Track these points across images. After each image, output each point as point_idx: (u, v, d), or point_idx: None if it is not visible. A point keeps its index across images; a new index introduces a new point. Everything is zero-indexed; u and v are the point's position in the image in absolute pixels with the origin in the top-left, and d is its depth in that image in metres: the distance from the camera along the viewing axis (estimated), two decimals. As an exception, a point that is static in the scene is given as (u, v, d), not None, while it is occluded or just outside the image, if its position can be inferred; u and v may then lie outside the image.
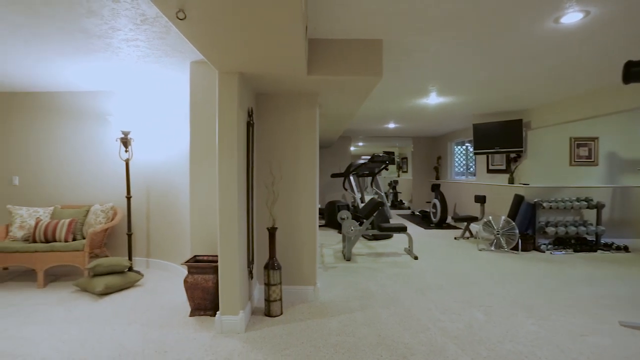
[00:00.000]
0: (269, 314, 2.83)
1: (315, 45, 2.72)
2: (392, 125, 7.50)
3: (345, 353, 2.26)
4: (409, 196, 11.40)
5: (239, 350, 2.30)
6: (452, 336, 2.48)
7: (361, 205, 6.46)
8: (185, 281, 2.81)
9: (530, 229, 5.29)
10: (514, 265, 4.33)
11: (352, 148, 11.69)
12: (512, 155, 5.94)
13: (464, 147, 8.39)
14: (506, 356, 2.21)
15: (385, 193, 10.92)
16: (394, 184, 12.36)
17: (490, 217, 5.30)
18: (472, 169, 7.95)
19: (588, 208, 5.22)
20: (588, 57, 3.16)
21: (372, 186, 8.01)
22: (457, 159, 8.71)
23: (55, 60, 3.14)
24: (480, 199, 6.02)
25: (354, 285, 3.61)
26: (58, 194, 4.30)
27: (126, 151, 3.88)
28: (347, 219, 4.76)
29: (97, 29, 2.47)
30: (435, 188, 7.83)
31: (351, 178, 6.96)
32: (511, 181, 5.86)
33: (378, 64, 2.73)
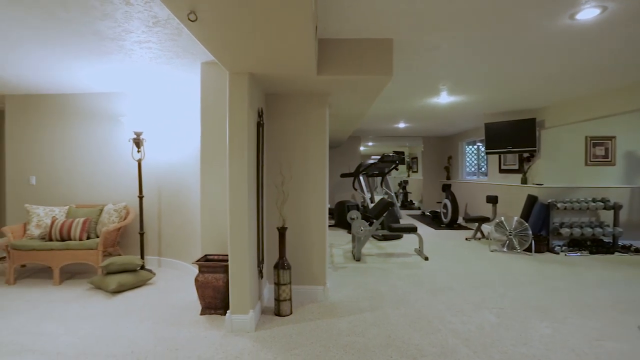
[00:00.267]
0: (278, 313, 2.84)
1: (325, 45, 2.71)
2: (402, 125, 7.45)
3: (355, 354, 2.25)
4: (419, 196, 11.30)
5: (249, 349, 2.31)
6: (463, 338, 2.45)
7: (371, 206, 6.43)
8: (196, 280, 2.84)
9: (543, 230, 5.19)
10: (527, 267, 4.25)
11: (362, 148, 11.64)
12: (525, 155, 5.83)
13: (475, 146, 8.28)
14: None
15: (395, 193, 10.85)
16: (404, 184, 12.26)
17: (502, 218, 5.21)
18: (483, 168, 7.84)
19: (604, 209, 5.08)
20: (605, 54, 3.08)
21: (381, 186, 7.97)
22: (468, 159, 8.60)
23: (70, 63, 3.21)
24: (492, 200, 5.93)
25: (363, 285, 3.60)
26: (73, 193, 4.39)
27: (138, 151, 3.94)
28: (356, 219, 4.74)
29: (110, 31, 2.51)
30: (446, 188, 7.74)
31: (361, 178, 6.94)
32: (524, 181, 5.75)
33: (388, 63, 2.71)
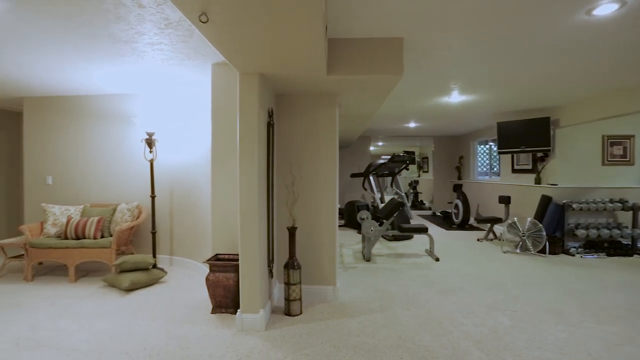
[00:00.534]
0: (288, 313, 2.85)
1: (334, 45, 2.71)
2: (412, 125, 7.39)
3: (365, 354, 2.24)
4: (429, 196, 11.19)
5: (259, 348, 2.32)
6: (475, 340, 2.41)
7: (381, 206, 6.39)
8: (207, 279, 2.87)
9: (558, 231, 5.08)
10: (541, 269, 4.17)
11: (372, 148, 11.59)
12: (539, 154, 5.71)
13: (487, 146, 8.15)
14: (533, 363, 2.13)
15: (406, 193, 10.77)
16: (414, 184, 12.17)
17: (515, 219, 5.12)
18: (495, 168, 7.72)
19: (623, 210, 4.94)
20: (623, 51, 2.99)
21: (392, 186, 7.92)
22: (480, 159, 8.48)
23: (84, 65, 3.28)
24: (505, 200, 5.83)
25: (373, 286, 3.58)
26: (87, 193, 4.49)
27: (150, 152, 4.00)
28: (366, 219, 4.72)
29: (123, 34, 2.56)
30: (457, 188, 7.65)
31: (371, 178, 6.90)
32: (538, 181, 5.64)
33: (399, 62, 2.69)
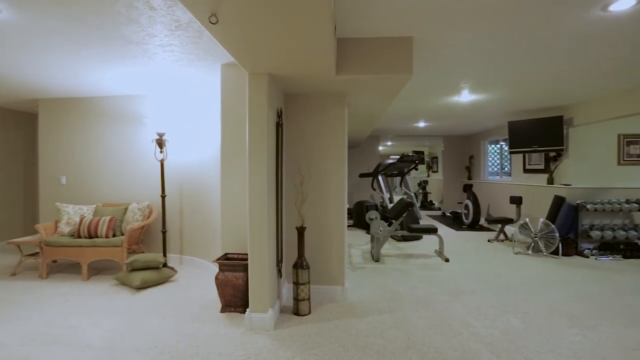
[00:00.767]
0: (297, 312, 2.85)
1: (343, 45, 2.70)
2: (422, 124, 7.33)
3: (374, 355, 2.23)
4: (439, 197, 11.08)
5: (268, 347, 2.33)
6: (486, 342, 2.38)
7: (390, 206, 6.36)
8: (217, 278, 2.89)
9: (572, 232, 4.97)
10: (554, 271, 4.09)
11: (381, 147, 11.53)
12: (552, 154, 5.60)
13: (498, 145, 8.04)
14: (546, 367, 2.09)
15: (415, 193, 10.68)
16: (423, 184, 12.07)
17: (527, 219, 5.04)
18: (507, 168, 7.60)
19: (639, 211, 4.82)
20: (640, 48, 2.91)
21: (401, 186, 7.87)
22: (490, 159, 8.36)
23: (97, 67, 3.34)
24: (516, 200, 5.74)
25: (382, 286, 3.56)
26: (99, 192, 4.57)
27: (161, 152, 4.05)
28: (375, 219, 4.70)
29: (135, 35, 2.59)
30: (468, 188, 7.56)
31: (379, 178, 6.87)
32: (550, 181, 5.53)
33: (408, 61, 2.67)
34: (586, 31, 2.57)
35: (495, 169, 8.19)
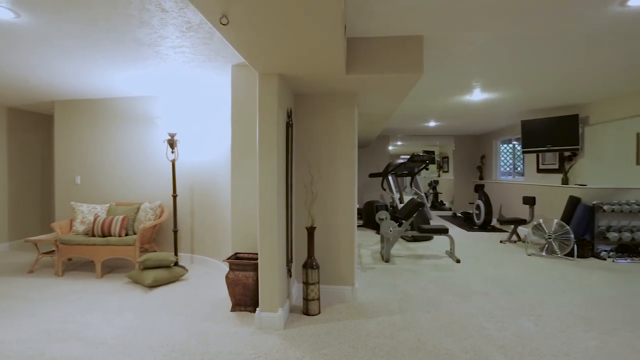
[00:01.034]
0: (307, 312, 2.85)
1: (353, 44, 2.69)
2: (432, 124, 7.25)
3: (384, 356, 2.22)
4: (450, 197, 10.96)
5: (278, 346, 2.33)
6: (498, 345, 2.34)
7: (400, 206, 6.31)
8: (227, 277, 2.91)
9: (587, 234, 4.86)
10: (569, 273, 4.00)
11: (391, 147, 11.45)
12: (567, 153, 5.48)
13: (510, 145, 7.91)
14: (561, 371, 2.05)
15: (425, 193, 10.58)
16: (434, 184, 11.95)
17: (540, 220, 4.94)
18: (519, 168, 7.47)
19: (658, 212, 4.67)
20: (659, 44, 2.83)
21: (411, 186, 7.80)
22: (503, 158, 8.23)
23: (110, 69, 3.40)
24: (530, 201, 5.63)
25: (392, 287, 3.53)
26: (113, 192, 4.65)
27: (172, 152, 4.10)
28: (385, 219, 4.67)
29: (147, 38, 2.63)
30: (479, 188, 7.46)
31: (389, 178, 6.82)
32: (565, 182, 5.41)
33: (418, 60, 2.65)
34: (604, 27, 2.51)
35: (508, 168, 8.06)
